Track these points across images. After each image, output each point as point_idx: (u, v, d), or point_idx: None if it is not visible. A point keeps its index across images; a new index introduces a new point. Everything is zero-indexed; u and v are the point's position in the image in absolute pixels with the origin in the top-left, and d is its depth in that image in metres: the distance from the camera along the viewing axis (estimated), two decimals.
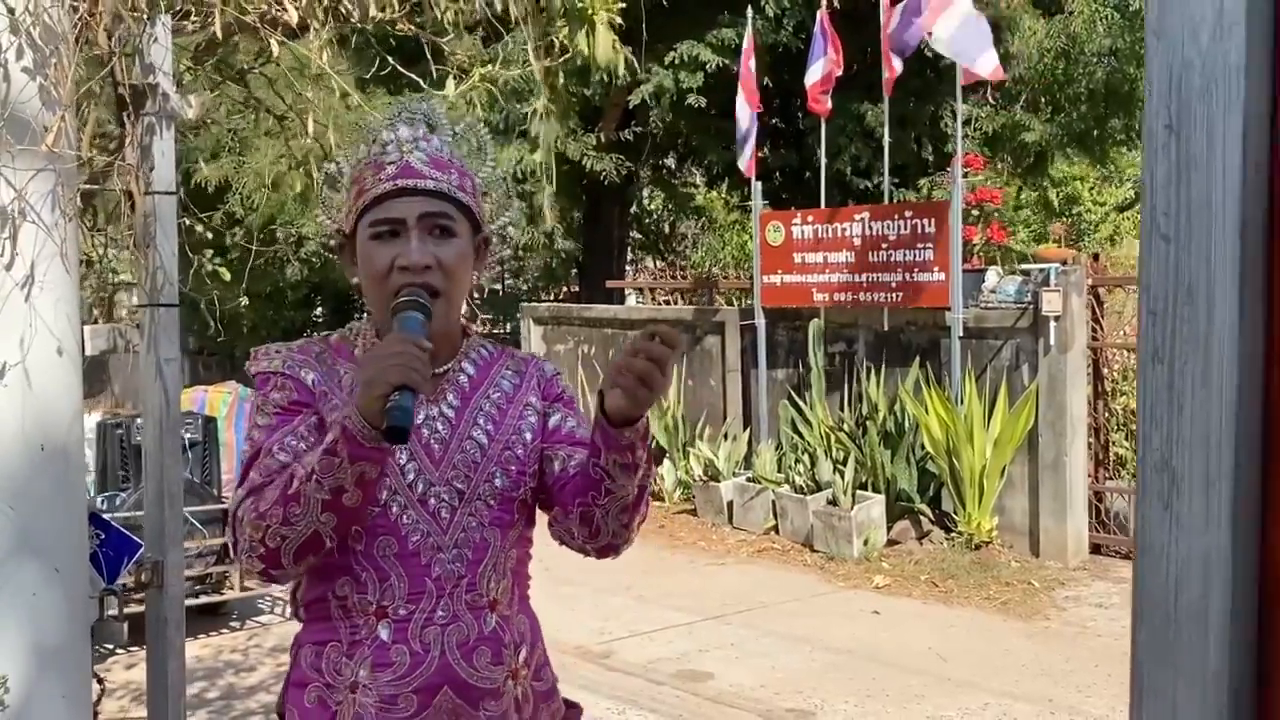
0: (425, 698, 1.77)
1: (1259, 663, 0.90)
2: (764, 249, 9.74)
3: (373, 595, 1.80)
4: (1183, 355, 0.89)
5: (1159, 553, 0.91)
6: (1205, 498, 0.89)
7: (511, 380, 1.97)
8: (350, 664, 1.80)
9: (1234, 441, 0.87)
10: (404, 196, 1.83)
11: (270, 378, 1.85)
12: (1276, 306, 0.89)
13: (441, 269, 1.83)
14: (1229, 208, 0.87)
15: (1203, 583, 0.89)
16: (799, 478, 9.00)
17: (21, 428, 2.15)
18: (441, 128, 1.93)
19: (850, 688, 5.73)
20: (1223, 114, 0.87)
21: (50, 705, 2.22)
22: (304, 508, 1.68)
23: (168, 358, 2.32)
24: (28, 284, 2.13)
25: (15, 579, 2.15)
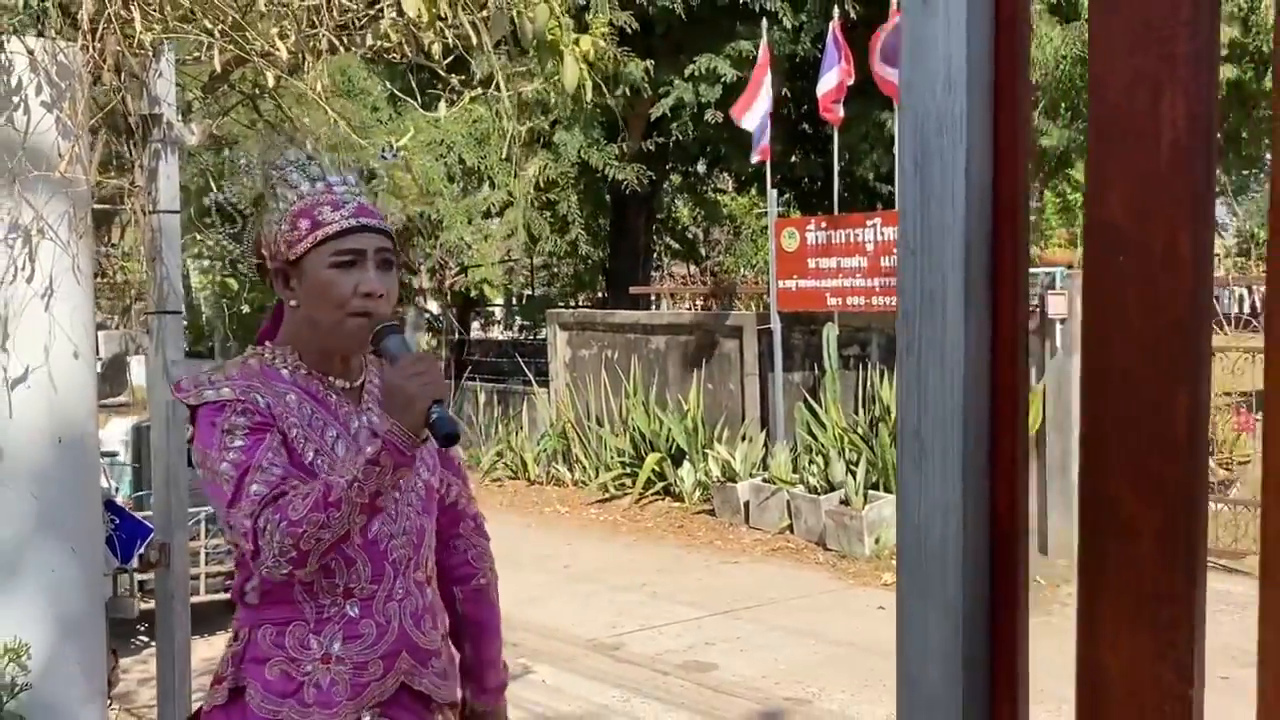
0: (389, 662, 2.04)
1: (990, 591, 1.12)
2: (779, 255, 9.94)
3: (340, 579, 2.03)
4: (926, 348, 1.11)
5: (912, 504, 1.12)
6: (944, 461, 1.10)
7: None
8: (319, 639, 2.03)
9: (963, 416, 1.09)
10: (364, 232, 2.07)
11: (225, 405, 2.02)
12: (1000, 309, 1.10)
13: (388, 299, 2.08)
14: (958, 229, 1.08)
15: (942, 528, 1.11)
16: (813, 478, 9.20)
17: (43, 423, 2.41)
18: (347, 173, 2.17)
19: (848, 678, 5.93)
20: (951, 153, 1.09)
21: (67, 672, 2.47)
22: (344, 511, 1.88)
23: (173, 359, 2.57)
24: (47, 295, 2.39)
25: (37, 557, 2.41)
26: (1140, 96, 0.99)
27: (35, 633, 2.40)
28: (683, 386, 11.13)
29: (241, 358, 2.16)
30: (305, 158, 2.20)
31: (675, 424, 10.75)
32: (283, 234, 2.11)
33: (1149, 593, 1.01)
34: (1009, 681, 1.13)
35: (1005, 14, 1.09)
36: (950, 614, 1.11)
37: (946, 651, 1.11)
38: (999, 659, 1.13)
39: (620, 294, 14.80)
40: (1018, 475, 1.11)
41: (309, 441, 2.05)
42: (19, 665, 2.35)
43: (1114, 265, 1.01)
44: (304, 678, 2.03)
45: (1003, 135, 1.10)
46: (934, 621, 1.12)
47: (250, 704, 2.05)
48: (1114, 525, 1.03)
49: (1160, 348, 0.99)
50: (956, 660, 1.10)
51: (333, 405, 2.08)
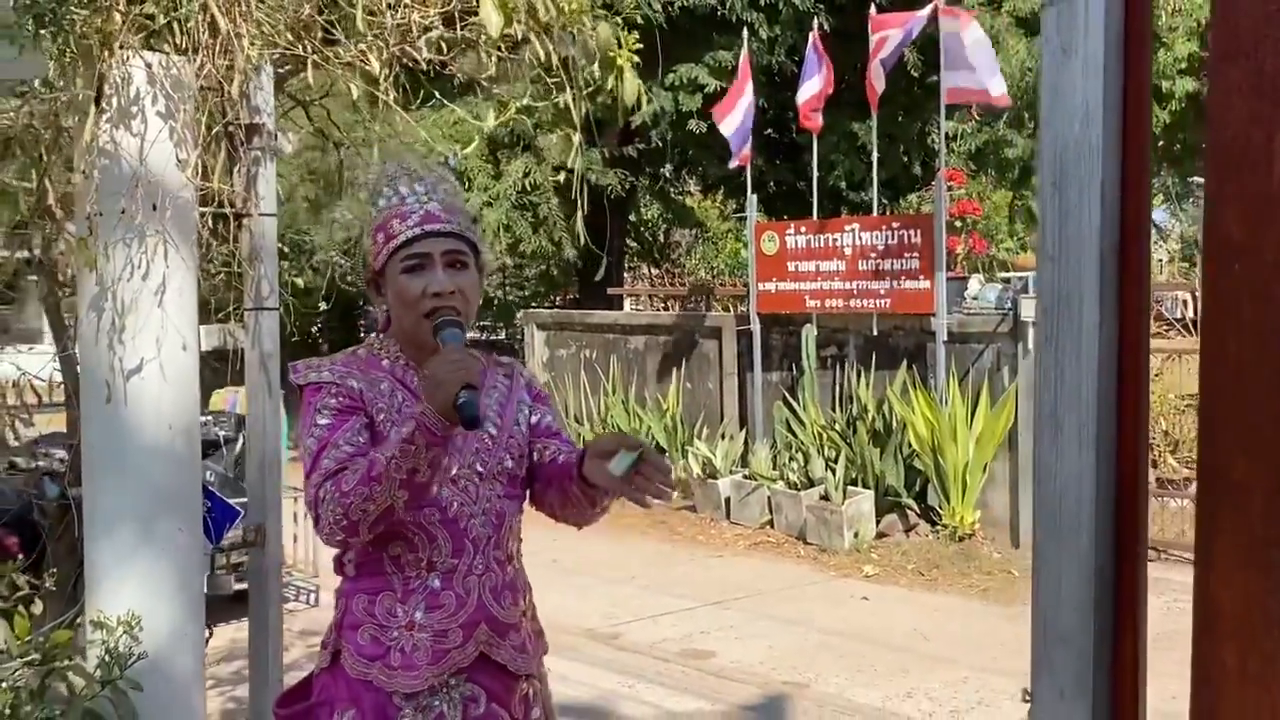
0: (468, 631, 2.22)
1: (1115, 544, 1.33)
2: (759, 258, 10.17)
3: (423, 553, 2.23)
4: (1063, 341, 1.32)
5: (1050, 473, 1.33)
6: (1079, 437, 1.31)
7: (505, 383, 2.42)
8: (404, 607, 2.22)
9: (1096, 400, 1.30)
10: (430, 238, 2.27)
11: (322, 386, 2.25)
12: (1126, 308, 1.31)
13: (462, 295, 2.27)
14: (1093, 240, 1.29)
15: (1076, 493, 1.31)
16: (793, 475, 9.43)
17: (155, 411, 2.57)
18: (429, 179, 2.36)
19: (841, 664, 6.16)
20: (1089, 177, 1.29)
21: (172, 643, 2.63)
22: (385, 486, 2.08)
23: (269, 353, 2.74)
24: (160, 292, 2.55)
25: (150, 536, 2.57)
26: (1255, 134, 1.20)
27: (147, 606, 2.56)
28: (662, 386, 11.33)
29: (354, 348, 2.36)
30: (398, 171, 2.39)
31: (655, 422, 10.95)
32: (369, 248, 2.34)
33: (1259, 539, 1.22)
34: (1131, 620, 1.33)
35: (1133, 61, 1.30)
36: (1083, 564, 1.31)
37: (1079, 595, 1.31)
38: (1122, 601, 1.33)
39: (595, 295, 14.98)
40: (1140, 447, 1.32)
41: (394, 426, 2.22)
42: (132, 636, 2.51)
43: (1231, 272, 1.22)
44: (390, 643, 2.21)
45: (1129, 162, 1.31)
46: (1067, 571, 1.32)
47: (344, 665, 2.23)
48: (1228, 486, 1.23)
49: (1269, 339, 1.20)
50: (1089, 603, 1.31)
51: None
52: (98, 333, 2.51)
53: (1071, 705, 1.32)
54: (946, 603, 7.47)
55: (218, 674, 5.38)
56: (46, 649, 2.70)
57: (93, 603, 2.63)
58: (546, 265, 16.51)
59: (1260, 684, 1.22)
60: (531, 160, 12.20)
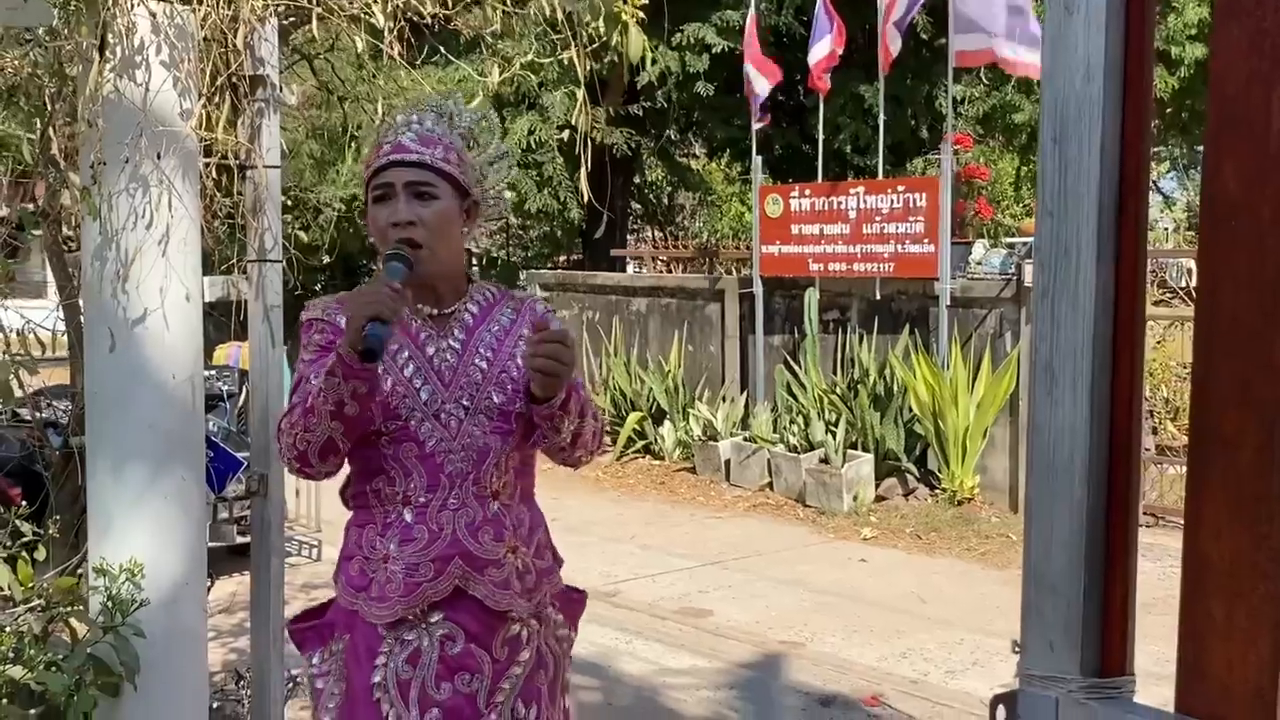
0: (440, 565, 2.24)
1: (1108, 496, 1.34)
2: (763, 220, 10.16)
3: (399, 487, 2.27)
4: (1060, 293, 1.33)
5: (1044, 425, 1.35)
6: (1073, 387, 1.33)
7: (510, 316, 2.40)
8: (383, 540, 2.27)
9: (1091, 352, 1.31)
10: (394, 168, 2.27)
11: (313, 323, 2.32)
12: (1123, 262, 1.32)
13: (424, 225, 2.26)
14: (1091, 194, 1.30)
15: (1070, 443, 1.33)
16: (793, 438, 9.46)
17: (159, 361, 2.58)
18: (454, 116, 2.36)
19: (837, 624, 6.21)
20: (1089, 132, 1.30)
21: (174, 591, 2.66)
22: (317, 419, 2.15)
23: (272, 305, 2.75)
24: (163, 242, 2.56)
25: (153, 485, 2.59)
26: (1255, 91, 1.21)
27: (150, 554, 2.58)
28: (664, 348, 11.34)
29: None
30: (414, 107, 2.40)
31: (656, 384, 10.97)
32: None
33: (1248, 494, 1.23)
34: (1122, 572, 1.35)
35: (1135, 16, 1.31)
36: (1075, 515, 1.33)
37: (1071, 544, 1.33)
38: (1114, 553, 1.35)
39: (598, 256, 14.98)
40: (1134, 397, 1.33)
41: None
42: (135, 584, 2.53)
43: (1227, 228, 1.23)
44: (372, 575, 2.27)
45: (1130, 117, 1.31)
46: (1059, 522, 1.34)
47: (339, 596, 2.32)
48: (1219, 440, 1.25)
49: (1264, 293, 1.21)
50: (1079, 551, 1.33)
51: (414, 330, 2.30)
52: (101, 281, 2.52)
53: (1060, 656, 1.34)
54: (944, 566, 7.51)
55: (219, 625, 5.43)
56: (50, 595, 2.73)
57: (95, 550, 2.66)
58: (550, 226, 16.49)
59: (1247, 637, 1.24)
60: (536, 118, 12.15)
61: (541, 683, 2.34)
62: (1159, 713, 1.25)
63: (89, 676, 2.48)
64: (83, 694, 2.46)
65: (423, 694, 2.24)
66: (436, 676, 2.25)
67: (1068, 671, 1.33)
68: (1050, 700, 1.33)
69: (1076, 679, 1.32)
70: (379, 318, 2.08)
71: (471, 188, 2.35)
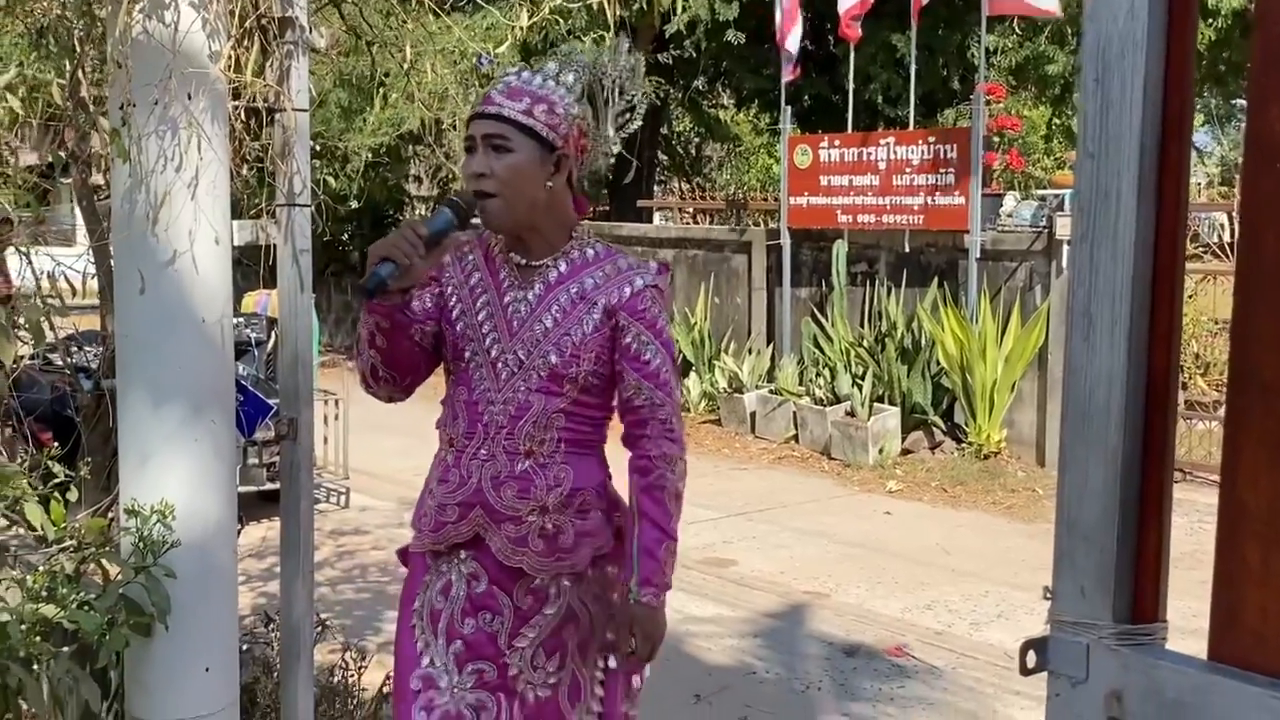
0: (463, 511, 2.32)
1: (1143, 442, 1.33)
2: (791, 172, 10.08)
3: (449, 429, 2.37)
4: (1099, 236, 1.31)
5: (1080, 371, 1.33)
6: (1111, 333, 1.31)
7: (598, 281, 2.33)
8: (433, 477, 2.39)
9: (1130, 297, 1.29)
10: (477, 120, 2.31)
11: None
12: (1164, 205, 1.30)
13: (495, 177, 2.26)
14: (1134, 135, 1.28)
15: (1107, 390, 1.32)
16: (819, 390, 9.45)
17: (189, 305, 2.59)
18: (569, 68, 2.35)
19: (862, 575, 6.22)
20: (1131, 73, 1.28)
21: (205, 533, 2.68)
22: (363, 346, 2.31)
23: (301, 249, 2.75)
24: (193, 185, 2.56)
25: (183, 428, 2.60)
26: None
27: (179, 495, 2.60)
28: (690, 300, 11.31)
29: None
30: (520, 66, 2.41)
31: (682, 336, 10.95)
32: None
33: None
34: (1156, 519, 1.34)
35: None
36: (1110, 462, 1.32)
37: (1104, 493, 1.32)
38: (1148, 500, 1.34)
39: (625, 207, 14.92)
40: (1173, 344, 1.31)
41: (459, 301, 2.36)
42: (165, 525, 2.56)
43: (1272, 170, 1.21)
44: (423, 507, 2.40)
45: (1173, 58, 1.29)
46: (1094, 467, 1.33)
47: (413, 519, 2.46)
48: (1258, 385, 1.23)
49: None
50: (1114, 498, 1.32)
51: (499, 276, 2.35)
52: (130, 224, 2.52)
53: (1092, 602, 1.34)
54: (969, 519, 7.51)
55: (248, 569, 5.50)
56: (82, 535, 2.76)
57: (127, 491, 2.68)
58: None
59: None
60: None
61: (570, 638, 2.35)
62: (1191, 659, 1.25)
63: (121, 616, 2.51)
64: (115, 633, 2.49)
65: (450, 625, 2.33)
66: (462, 611, 2.33)
67: (1099, 618, 1.32)
68: (1081, 646, 1.33)
69: (1108, 625, 1.31)
70: (389, 258, 2.13)
71: (560, 142, 2.31)
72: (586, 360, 2.31)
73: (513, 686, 2.31)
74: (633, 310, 2.31)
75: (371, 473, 8.18)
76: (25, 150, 3.61)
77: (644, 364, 2.30)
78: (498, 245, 2.38)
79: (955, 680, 4.80)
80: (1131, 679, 1.29)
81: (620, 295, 2.31)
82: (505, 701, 2.31)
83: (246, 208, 2.95)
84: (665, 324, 2.36)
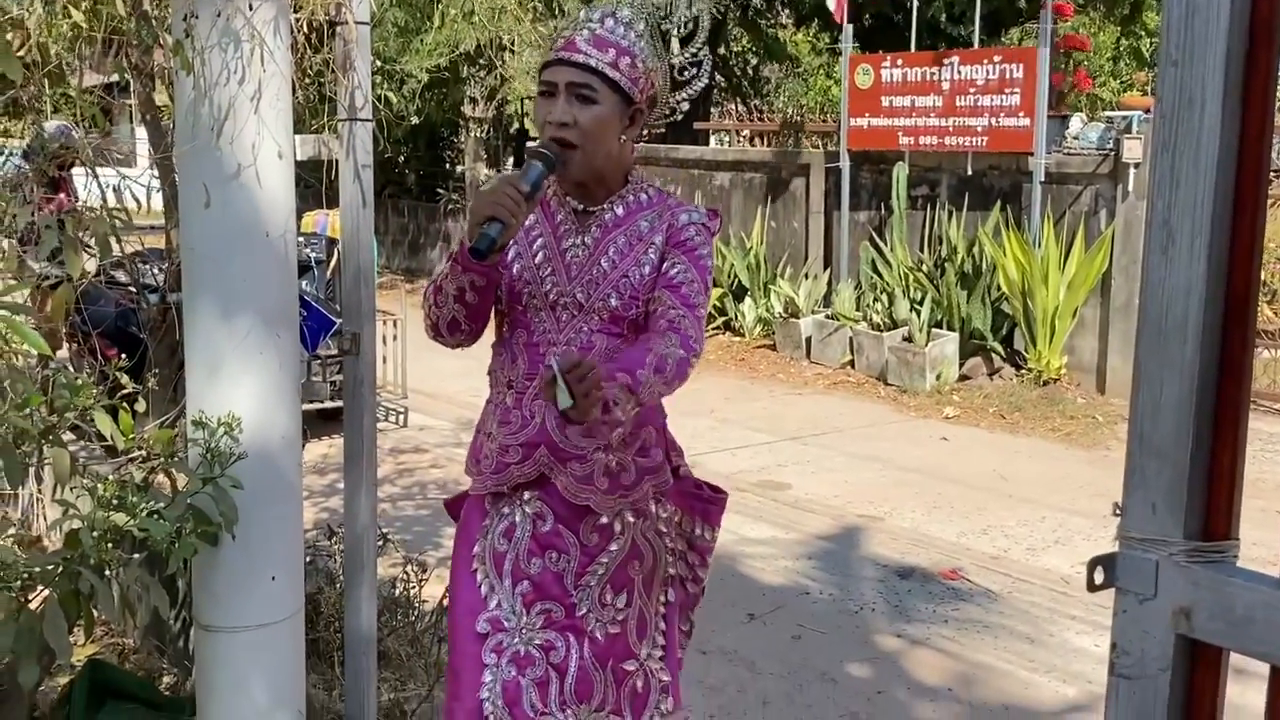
0: (528, 451, 2.32)
1: (1220, 359, 1.31)
2: (852, 92, 9.93)
3: (507, 371, 2.36)
4: (1182, 146, 1.28)
5: (1157, 285, 1.31)
6: (1190, 247, 1.28)
7: (650, 223, 2.35)
8: (492, 419, 2.39)
9: (1212, 207, 1.26)
10: (560, 65, 2.26)
11: None
12: (1249, 114, 1.26)
13: (578, 128, 2.24)
14: (1219, 42, 1.24)
15: (1184, 304, 1.29)
16: (876, 315, 9.38)
17: (252, 219, 2.61)
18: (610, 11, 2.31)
19: (917, 500, 6.22)
20: None
21: (271, 445, 2.72)
22: (443, 299, 2.28)
23: (364, 164, 2.75)
24: (256, 98, 2.56)
25: (247, 341, 2.63)
26: None
27: (245, 408, 2.64)
28: (746, 224, 11.24)
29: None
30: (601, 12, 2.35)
31: (738, 260, 10.90)
32: None
33: None
34: (1232, 436, 1.32)
35: None
36: (1185, 377, 1.29)
37: (1180, 407, 1.30)
38: (1223, 416, 1.32)
39: (680, 130, 14.79)
40: (1254, 258, 1.28)
41: (515, 244, 2.34)
42: (232, 437, 2.60)
43: None
44: (482, 450, 2.39)
45: None
46: (1169, 382, 1.31)
47: (467, 465, 2.45)
48: None
49: None
50: (1188, 416, 1.30)
51: (556, 221, 2.35)
52: (195, 138, 2.53)
53: (1163, 518, 1.33)
54: (1028, 445, 7.47)
55: (310, 485, 5.60)
56: (150, 446, 2.82)
57: (193, 404, 2.72)
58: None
59: None
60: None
61: (635, 573, 2.38)
62: (1264, 576, 1.23)
63: (189, 526, 2.56)
64: (183, 542, 2.54)
65: (515, 567, 2.33)
66: (528, 551, 2.33)
67: (1170, 534, 1.31)
68: (1150, 562, 1.32)
69: (1179, 542, 1.30)
70: (496, 218, 2.11)
71: (639, 96, 2.30)
72: (647, 303, 2.32)
73: (581, 625, 2.33)
74: (677, 242, 2.33)
75: (430, 393, 8.27)
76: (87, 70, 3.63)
77: (676, 286, 2.30)
78: (553, 190, 2.36)
79: (1011, 604, 4.80)
80: (1201, 595, 1.28)
81: (671, 233, 2.34)
82: (574, 640, 2.32)
83: (307, 124, 2.95)
84: (706, 256, 2.35)
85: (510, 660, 2.30)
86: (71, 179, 6.96)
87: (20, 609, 2.41)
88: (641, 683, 2.40)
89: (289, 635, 2.84)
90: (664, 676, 2.44)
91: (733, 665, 4.12)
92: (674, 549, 2.46)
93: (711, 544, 2.52)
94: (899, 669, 4.19)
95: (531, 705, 2.29)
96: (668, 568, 2.45)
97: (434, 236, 15.76)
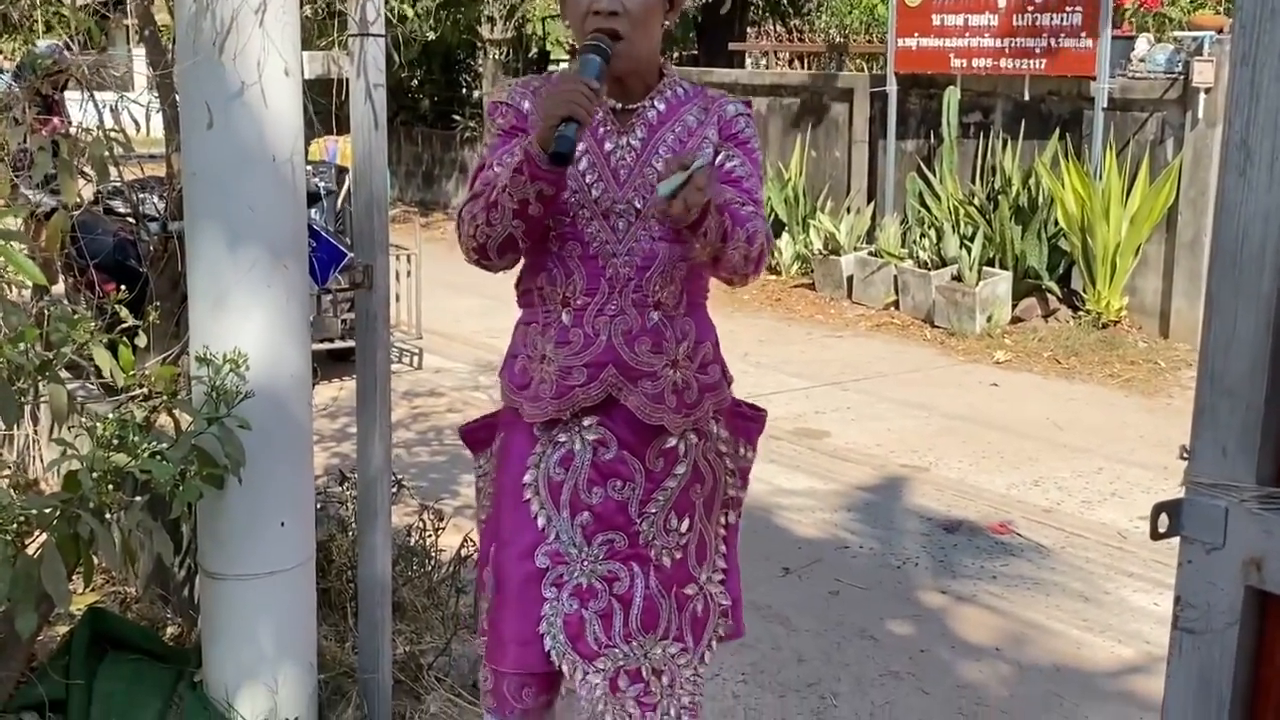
0: (594, 371, 2.30)
1: None
2: (900, 10, 9.80)
3: (560, 287, 2.32)
4: (1263, 59, 1.25)
5: (1234, 211, 1.29)
6: (1270, 169, 1.26)
7: (697, 117, 2.37)
8: (542, 340, 2.34)
9: None
10: None
11: (498, 106, 2.38)
12: None
13: (627, 15, 2.23)
14: None
15: (1263, 231, 1.27)
16: (923, 253, 9.32)
17: (257, 140, 2.60)
18: None
19: (964, 449, 6.21)
20: None
21: (279, 384, 2.73)
22: (500, 214, 2.21)
23: (376, 83, 2.74)
24: (260, 10, 2.55)
25: (253, 272, 2.64)
26: None
27: (252, 344, 2.65)
28: (784, 153, 11.16)
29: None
30: None
31: (775, 193, 10.82)
32: None
33: None
34: None
35: None
36: (1261, 312, 1.28)
37: (1255, 342, 1.29)
38: None
39: (715, 51, 14.67)
40: None
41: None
42: (238, 375, 2.61)
43: None
44: (531, 374, 2.35)
45: None
46: (1244, 315, 1.29)
47: (501, 394, 2.44)
48: None
49: None
50: (1264, 350, 1.28)
51: (595, 124, 2.29)
52: (196, 52, 2.53)
53: (1234, 462, 1.31)
54: (1084, 392, 7.43)
55: (320, 429, 5.63)
56: (152, 383, 2.84)
57: (197, 339, 2.73)
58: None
59: None
60: None
61: (697, 496, 2.39)
62: None
63: (193, 468, 2.58)
64: (188, 485, 2.56)
65: (574, 497, 2.32)
66: (589, 481, 2.32)
67: (1241, 479, 1.30)
68: (1219, 509, 1.31)
69: (1251, 488, 1.29)
70: (574, 118, 2.09)
71: None
72: None
73: (646, 553, 2.34)
74: (728, 134, 2.38)
75: (445, 334, 8.29)
76: None
77: (737, 181, 2.34)
78: None
79: (1063, 560, 4.80)
80: (1273, 545, 1.27)
81: (722, 126, 2.37)
82: (639, 569, 2.33)
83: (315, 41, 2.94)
84: (757, 149, 2.42)
85: (572, 594, 2.31)
86: (64, 102, 6.97)
87: (17, 554, 2.44)
88: (701, 606, 2.43)
89: (299, 583, 2.87)
90: (724, 600, 2.48)
91: (766, 621, 4.15)
92: (732, 469, 2.49)
93: (751, 464, 2.56)
94: (943, 627, 4.20)
95: (595, 639, 2.30)
96: (727, 489, 2.48)
97: (450, 167, 15.72)
